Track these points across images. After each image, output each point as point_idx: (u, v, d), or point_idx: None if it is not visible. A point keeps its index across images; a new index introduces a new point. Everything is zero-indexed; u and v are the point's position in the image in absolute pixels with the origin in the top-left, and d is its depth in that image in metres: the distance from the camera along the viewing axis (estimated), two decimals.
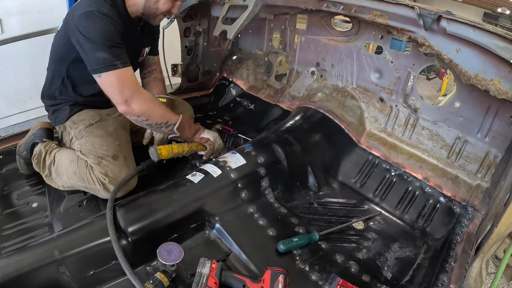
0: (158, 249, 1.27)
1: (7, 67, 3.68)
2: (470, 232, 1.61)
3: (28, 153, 1.89)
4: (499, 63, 1.43)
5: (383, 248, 1.65)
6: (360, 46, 2.16)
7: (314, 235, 1.58)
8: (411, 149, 2.01)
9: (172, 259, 1.25)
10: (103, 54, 1.53)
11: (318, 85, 2.47)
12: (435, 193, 1.84)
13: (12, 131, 3.66)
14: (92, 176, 1.71)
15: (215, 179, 1.66)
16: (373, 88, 2.17)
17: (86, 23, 1.54)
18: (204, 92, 3.01)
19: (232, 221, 1.60)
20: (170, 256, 1.25)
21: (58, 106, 1.86)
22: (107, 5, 1.59)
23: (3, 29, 3.56)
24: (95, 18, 1.53)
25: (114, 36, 1.57)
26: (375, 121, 2.18)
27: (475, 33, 1.41)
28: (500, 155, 1.71)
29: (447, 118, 1.86)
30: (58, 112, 1.87)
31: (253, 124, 2.58)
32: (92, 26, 1.54)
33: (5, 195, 1.86)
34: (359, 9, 1.80)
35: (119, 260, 1.26)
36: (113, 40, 1.56)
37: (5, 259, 1.25)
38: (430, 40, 1.62)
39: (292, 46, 2.61)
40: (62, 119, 1.87)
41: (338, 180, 2.06)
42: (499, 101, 1.60)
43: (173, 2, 1.77)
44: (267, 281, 1.27)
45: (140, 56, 2.01)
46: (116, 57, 1.55)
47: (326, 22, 2.31)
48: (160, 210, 1.48)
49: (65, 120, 1.86)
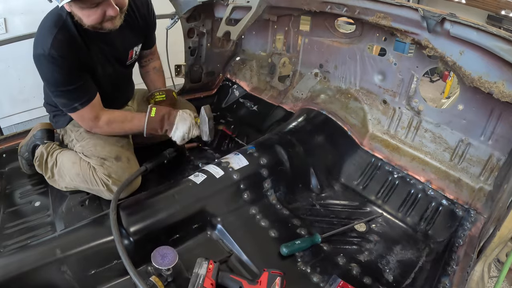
0: (152, 253, 1.27)
1: (11, 66, 3.70)
2: (472, 235, 1.61)
3: (29, 154, 1.90)
4: (502, 66, 1.42)
5: (385, 250, 1.64)
6: (363, 48, 2.16)
7: (316, 237, 1.58)
8: (414, 152, 2.01)
9: (165, 263, 1.24)
10: (61, 100, 1.65)
11: (321, 86, 2.46)
12: (438, 195, 1.83)
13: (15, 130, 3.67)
14: (96, 178, 1.72)
15: (217, 180, 1.66)
16: (376, 90, 2.16)
17: (39, 67, 1.56)
18: (207, 93, 3.01)
19: (234, 222, 1.60)
20: (164, 260, 1.25)
21: (58, 112, 1.88)
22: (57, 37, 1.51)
23: (8, 29, 3.58)
24: (46, 62, 1.52)
25: (67, 79, 1.57)
26: (378, 123, 2.17)
27: (478, 35, 1.41)
28: (503, 158, 1.71)
29: (450, 121, 1.86)
30: (58, 117, 1.89)
31: (256, 125, 2.57)
32: (45, 71, 1.56)
33: (7, 194, 1.86)
34: (363, 11, 1.79)
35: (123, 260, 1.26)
36: (67, 83, 1.58)
37: (7, 258, 1.26)
38: (434, 42, 1.62)
39: (296, 47, 2.61)
40: (62, 124, 1.88)
41: (340, 182, 2.06)
42: (502, 104, 1.59)
43: (97, 10, 1.48)
44: (263, 283, 1.27)
45: (129, 59, 1.92)
46: (73, 100, 1.63)
47: (330, 24, 2.31)
48: (162, 211, 1.49)
49: (65, 124, 1.88)
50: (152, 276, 1.28)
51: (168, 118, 1.81)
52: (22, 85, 3.82)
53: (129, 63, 1.92)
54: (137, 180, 1.81)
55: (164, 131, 1.82)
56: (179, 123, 1.81)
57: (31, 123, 3.82)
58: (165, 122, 1.80)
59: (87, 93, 1.65)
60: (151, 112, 1.78)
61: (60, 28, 1.55)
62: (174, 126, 1.81)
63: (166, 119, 1.80)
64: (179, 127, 1.81)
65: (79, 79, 1.61)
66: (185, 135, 1.83)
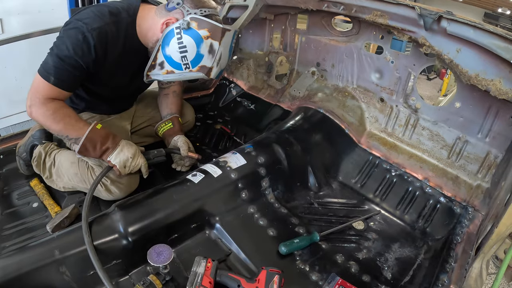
0: (148, 251, 1.26)
1: (8, 67, 3.69)
2: (470, 232, 1.61)
3: (27, 154, 1.88)
4: (499, 63, 1.43)
5: (383, 248, 1.65)
6: (360, 46, 2.16)
7: (314, 236, 1.58)
8: (412, 149, 2.01)
9: (161, 260, 1.24)
10: (48, 61, 1.53)
11: (318, 85, 2.47)
12: (436, 193, 1.84)
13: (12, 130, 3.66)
14: (94, 178, 1.71)
15: (215, 179, 1.66)
16: (374, 88, 2.17)
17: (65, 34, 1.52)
18: (204, 92, 3.00)
19: (232, 221, 1.60)
20: (159, 257, 1.25)
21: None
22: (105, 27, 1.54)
23: (4, 29, 3.57)
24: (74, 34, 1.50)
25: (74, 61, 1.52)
26: (375, 121, 2.18)
27: (475, 33, 1.41)
28: (500, 156, 1.71)
29: (447, 118, 1.86)
30: None
31: (253, 124, 2.58)
32: (66, 39, 1.51)
33: (5, 195, 1.85)
34: (360, 9, 1.80)
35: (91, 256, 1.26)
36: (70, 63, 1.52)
37: (5, 259, 1.25)
38: (431, 40, 1.63)
39: (293, 46, 2.61)
40: None
41: (338, 180, 2.06)
42: (499, 102, 1.60)
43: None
44: (262, 281, 1.27)
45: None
46: (55, 72, 1.51)
47: (327, 22, 2.31)
48: (160, 210, 1.48)
49: None
50: (150, 275, 1.28)
51: (113, 137, 1.67)
52: (19, 85, 3.79)
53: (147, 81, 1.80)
54: (135, 180, 1.80)
55: (102, 150, 1.63)
56: (124, 146, 1.68)
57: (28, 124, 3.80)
58: (109, 140, 1.65)
59: (70, 83, 1.58)
60: (97, 125, 1.64)
61: (114, 22, 1.57)
62: (119, 148, 1.66)
63: (111, 138, 1.66)
64: (124, 150, 1.67)
65: (81, 70, 1.56)
66: (129, 160, 1.67)
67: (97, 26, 1.51)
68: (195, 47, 1.60)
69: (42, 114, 1.56)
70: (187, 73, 1.67)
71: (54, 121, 1.57)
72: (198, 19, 1.57)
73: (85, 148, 1.60)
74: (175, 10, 1.61)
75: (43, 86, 1.52)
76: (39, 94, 1.54)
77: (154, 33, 1.65)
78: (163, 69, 1.67)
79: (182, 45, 1.59)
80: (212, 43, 1.62)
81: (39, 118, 1.58)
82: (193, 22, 1.57)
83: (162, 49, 1.63)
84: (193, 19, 1.57)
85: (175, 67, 1.65)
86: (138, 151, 1.72)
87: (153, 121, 2.13)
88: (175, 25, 1.58)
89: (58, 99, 1.58)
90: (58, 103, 1.58)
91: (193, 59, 1.63)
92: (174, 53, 1.62)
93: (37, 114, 1.56)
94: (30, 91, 1.56)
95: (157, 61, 1.66)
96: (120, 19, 1.60)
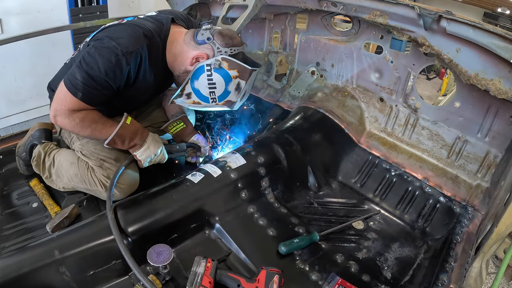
0: (148, 251, 1.27)
1: (7, 67, 3.68)
2: (470, 232, 1.61)
3: (27, 154, 1.88)
4: (499, 63, 1.43)
5: (383, 248, 1.65)
6: (360, 46, 2.16)
7: (314, 235, 1.58)
8: (411, 149, 2.01)
9: (161, 260, 1.24)
10: (76, 75, 1.50)
11: (318, 85, 2.47)
12: (435, 193, 1.84)
13: (12, 131, 3.66)
14: (94, 178, 1.71)
15: (215, 179, 1.66)
16: (373, 88, 2.17)
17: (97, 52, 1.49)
18: None
19: (232, 221, 1.60)
20: (159, 257, 1.25)
21: None
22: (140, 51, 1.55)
23: (3, 29, 3.56)
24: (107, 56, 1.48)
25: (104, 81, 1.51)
26: (375, 121, 2.18)
27: (475, 33, 1.42)
28: (500, 155, 1.71)
29: (447, 118, 1.86)
30: None
31: (253, 124, 2.57)
32: (97, 58, 1.48)
33: (5, 195, 1.85)
34: (359, 9, 1.80)
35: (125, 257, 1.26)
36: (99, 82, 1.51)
37: (5, 259, 1.26)
38: (430, 40, 1.63)
39: (292, 46, 2.61)
40: None
41: (338, 180, 2.06)
42: (499, 101, 1.60)
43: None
44: (262, 281, 1.27)
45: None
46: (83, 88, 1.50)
47: (326, 22, 2.31)
48: (160, 210, 1.49)
49: None
50: (150, 275, 1.28)
51: (142, 133, 1.73)
52: (19, 85, 3.80)
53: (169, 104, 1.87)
54: (136, 181, 1.80)
55: (130, 145, 1.71)
56: (151, 144, 1.75)
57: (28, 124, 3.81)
58: (138, 136, 1.71)
59: (97, 100, 1.58)
60: (127, 119, 1.69)
61: (147, 45, 1.58)
62: (146, 144, 1.74)
63: (140, 132, 1.72)
64: (150, 147, 1.75)
65: (110, 90, 1.56)
66: (153, 157, 1.76)
67: (132, 50, 1.52)
68: (223, 85, 1.67)
69: (69, 124, 1.58)
70: (213, 106, 1.75)
71: (81, 129, 1.60)
72: (230, 60, 1.62)
73: (114, 142, 1.67)
74: (205, 45, 1.64)
75: (70, 100, 1.53)
76: (64, 106, 1.54)
77: (182, 62, 1.70)
78: (190, 99, 1.74)
79: (211, 82, 1.65)
80: (239, 82, 1.68)
81: (66, 127, 1.62)
82: (224, 62, 1.62)
83: (191, 82, 1.68)
84: (224, 60, 1.62)
85: (203, 99, 1.73)
86: (162, 148, 1.80)
87: (154, 121, 2.13)
88: (206, 61, 1.63)
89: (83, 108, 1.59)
90: (83, 112, 1.59)
91: (220, 95, 1.70)
92: (203, 87, 1.68)
93: (63, 124, 1.59)
94: (55, 101, 1.56)
95: (185, 91, 1.72)
96: (153, 42, 1.62)
